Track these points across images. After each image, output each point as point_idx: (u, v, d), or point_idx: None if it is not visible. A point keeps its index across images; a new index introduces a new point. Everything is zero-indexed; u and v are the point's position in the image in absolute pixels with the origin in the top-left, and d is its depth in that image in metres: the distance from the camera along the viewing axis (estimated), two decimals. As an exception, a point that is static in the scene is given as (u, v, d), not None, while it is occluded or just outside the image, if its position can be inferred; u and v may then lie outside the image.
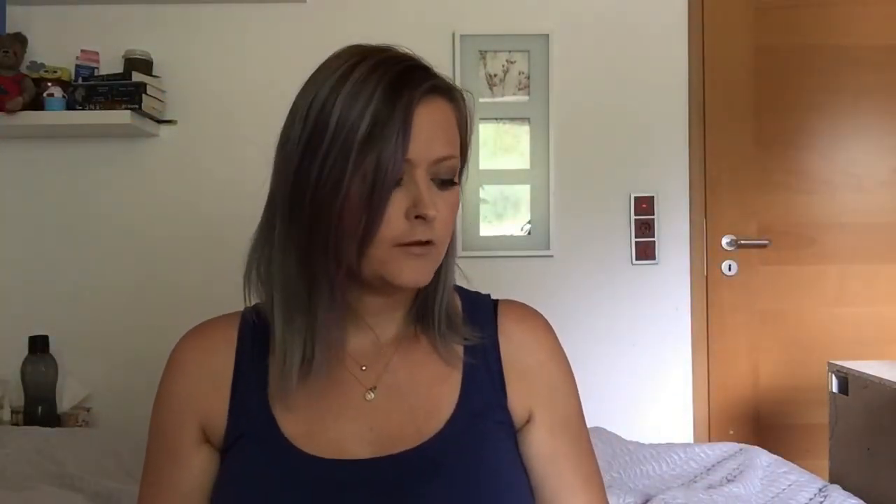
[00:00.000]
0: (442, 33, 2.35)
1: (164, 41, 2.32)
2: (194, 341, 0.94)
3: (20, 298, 2.31)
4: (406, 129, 0.81)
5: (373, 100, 0.81)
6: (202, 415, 0.91)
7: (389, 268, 0.84)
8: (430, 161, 0.84)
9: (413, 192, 0.83)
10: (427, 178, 0.84)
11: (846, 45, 2.42)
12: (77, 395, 2.22)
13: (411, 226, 0.83)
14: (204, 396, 0.91)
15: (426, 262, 0.86)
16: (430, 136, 0.84)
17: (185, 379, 0.92)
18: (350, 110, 0.81)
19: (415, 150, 0.82)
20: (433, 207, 0.83)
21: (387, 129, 0.81)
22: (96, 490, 1.50)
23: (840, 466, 1.84)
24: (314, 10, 2.34)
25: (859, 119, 2.44)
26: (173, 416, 0.92)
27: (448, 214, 0.87)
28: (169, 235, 2.32)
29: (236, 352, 0.92)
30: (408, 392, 0.91)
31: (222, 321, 0.95)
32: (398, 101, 0.81)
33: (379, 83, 0.82)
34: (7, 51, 2.12)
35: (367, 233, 0.82)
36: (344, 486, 0.84)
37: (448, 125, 0.87)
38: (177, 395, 0.92)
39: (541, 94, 2.37)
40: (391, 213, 0.82)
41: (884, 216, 2.43)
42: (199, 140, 2.34)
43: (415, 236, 0.83)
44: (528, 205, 2.39)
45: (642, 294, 2.36)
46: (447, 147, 0.86)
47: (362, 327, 0.92)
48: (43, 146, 2.32)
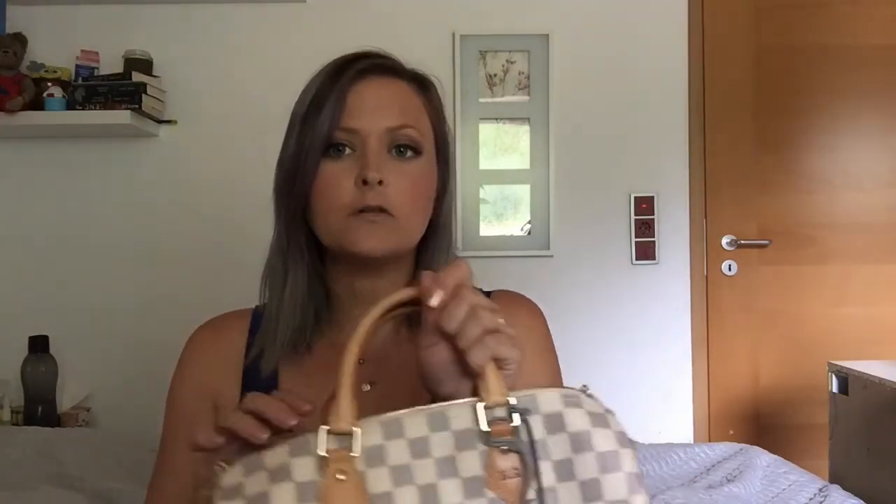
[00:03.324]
0: (442, 33, 2.35)
1: (164, 41, 2.32)
2: (210, 330, 0.99)
3: (20, 298, 2.31)
4: (341, 101, 0.88)
5: (316, 82, 0.90)
6: (215, 398, 0.94)
7: (347, 236, 0.88)
8: (380, 130, 0.89)
9: (361, 160, 0.88)
10: (381, 147, 0.89)
11: (846, 45, 2.42)
12: (77, 395, 2.22)
13: (361, 192, 0.87)
14: (217, 381, 0.94)
15: (381, 229, 0.88)
16: (378, 106, 0.90)
17: (199, 364, 0.96)
18: (302, 97, 0.91)
19: (359, 120, 0.88)
20: (377, 171, 0.87)
21: (324, 102, 0.88)
22: (96, 490, 1.50)
23: (840, 466, 1.84)
24: (314, 10, 2.34)
25: (859, 119, 2.44)
26: (189, 399, 0.95)
27: (407, 186, 0.90)
28: (169, 235, 2.32)
29: (247, 341, 0.96)
30: (405, 384, 0.92)
31: (235, 314, 1.00)
32: (338, 80, 0.89)
33: (326, 70, 0.91)
34: (7, 51, 2.12)
35: (305, 198, 0.89)
36: None
37: (401, 99, 0.92)
38: (192, 378, 0.96)
39: (541, 94, 2.37)
40: (342, 182, 0.88)
41: (884, 216, 2.43)
42: (199, 140, 2.34)
43: (365, 201, 0.87)
44: (528, 205, 2.39)
45: (642, 294, 2.36)
46: (400, 117, 0.90)
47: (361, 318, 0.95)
48: (43, 146, 2.32)
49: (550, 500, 0.59)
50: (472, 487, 0.59)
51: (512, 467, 0.60)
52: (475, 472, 0.59)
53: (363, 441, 0.60)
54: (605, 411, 0.63)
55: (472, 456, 0.60)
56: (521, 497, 0.59)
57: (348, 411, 0.61)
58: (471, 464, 0.60)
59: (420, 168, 0.92)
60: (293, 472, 0.58)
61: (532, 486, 0.59)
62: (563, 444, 0.61)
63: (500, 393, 0.62)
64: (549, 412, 0.62)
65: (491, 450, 0.60)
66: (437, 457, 0.60)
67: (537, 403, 0.62)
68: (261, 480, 0.58)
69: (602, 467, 0.60)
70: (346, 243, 0.88)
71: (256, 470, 0.59)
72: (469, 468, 0.59)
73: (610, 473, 0.60)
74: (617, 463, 0.61)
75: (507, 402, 0.61)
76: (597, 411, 0.62)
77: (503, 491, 0.59)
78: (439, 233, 0.96)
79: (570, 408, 0.62)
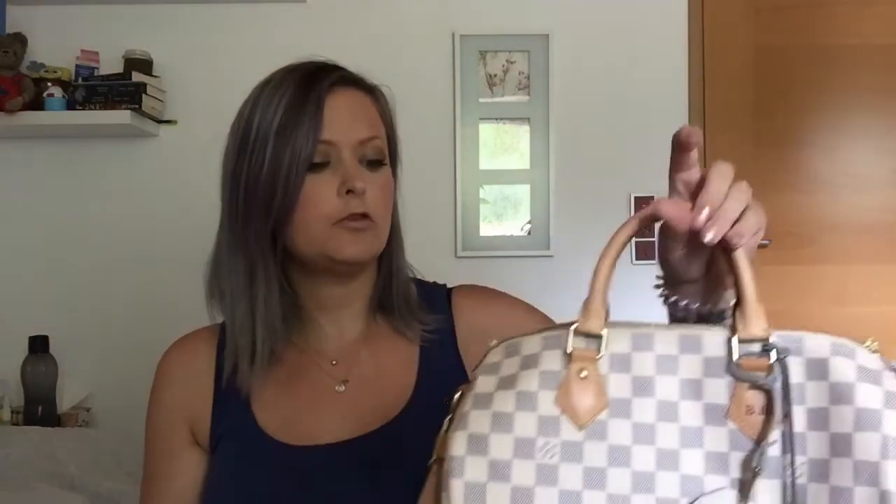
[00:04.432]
0: (442, 33, 2.34)
1: (164, 41, 2.32)
2: (179, 350, 1.00)
3: (20, 298, 2.31)
4: (319, 113, 0.89)
5: (286, 95, 0.90)
6: (190, 418, 0.96)
7: (332, 245, 0.90)
8: (354, 142, 0.91)
9: (341, 171, 0.90)
10: (354, 158, 0.91)
11: (846, 45, 2.42)
12: (77, 395, 2.22)
13: (344, 201, 0.89)
14: (190, 400, 0.96)
15: (366, 236, 0.91)
16: (350, 119, 0.91)
17: (172, 386, 0.97)
18: (267, 110, 0.90)
19: (335, 132, 0.90)
20: (361, 180, 0.89)
21: (300, 116, 0.89)
22: (96, 490, 1.51)
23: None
24: (314, 10, 2.34)
25: (859, 119, 2.44)
26: (164, 422, 0.97)
27: (380, 194, 0.93)
28: (169, 235, 2.32)
29: (216, 358, 0.97)
30: (376, 380, 0.95)
31: (204, 331, 1.01)
32: (310, 92, 0.90)
33: (292, 81, 0.92)
34: (7, 51, 2.12)
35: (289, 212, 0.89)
36: (318, 467, 0.89)
37: (366, 111, 0.94)
38: (166, 401, 0.97)
39: (541, 94, 2.37)
40: (324, 193, 0.89)
41: (884, 216, 2.43)
42: (199, 140, 2.32)
43: (350, 210, 0.89)
44: (528, 205, 2.39)
45: (642, 294, 2.35)
46: (369, 129, 0.93)
47: (327, 324, 0.98)
48: (43, 146, 2.32)
49: (798, 446, 0.57)
50: (714, 415, 0.58)
51: (760, 404, 0.58)
52: (719, 400, 0.58)
53: (611, 347, 0.61)
54: (882, 368, 0.58)
55: (718, 384, 0.59)
56: (764, 436, 0.57)
57: (599, 314, 0.62)
58: (716, 391, 0.59)
59: (386, 176, 0.95)
60: (541, 362, 0.60)
61: (778, 427, 0.57)
62: (822, 392, 0.58)
63: (760, 328, 0.60)
64: (814, 357, 0.59)
65: (739, 383, 0.58)
66: (682, 377, 0.59)
67: (803, 346, 0.59)
68: (514, 364, 0.61)
69: (857, 424, 0.57)
70: (330, 251, 0.90)
71: (514, 354, 0.62)
72: (713, 395, 0.58)
73: (865, 432, 0.57)
74: (876, 422, 0.57)
75: (766, 338, 0.59)
76: (870, 366, 0.58)
77: (746, 425, 0.58)
78: (396, 233, 1.00)
79: (838, 356, 0.58)
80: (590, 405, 0.58)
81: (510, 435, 0.58)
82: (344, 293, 0.96)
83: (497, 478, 0.57)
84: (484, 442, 0.58)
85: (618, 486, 0.56)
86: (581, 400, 0.58)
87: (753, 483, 0.56)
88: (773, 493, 0.56)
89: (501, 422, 0.58)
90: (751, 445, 0.57)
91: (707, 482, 0.57)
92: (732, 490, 0.57)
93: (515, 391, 0.59)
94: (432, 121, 2.31)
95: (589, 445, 0.57)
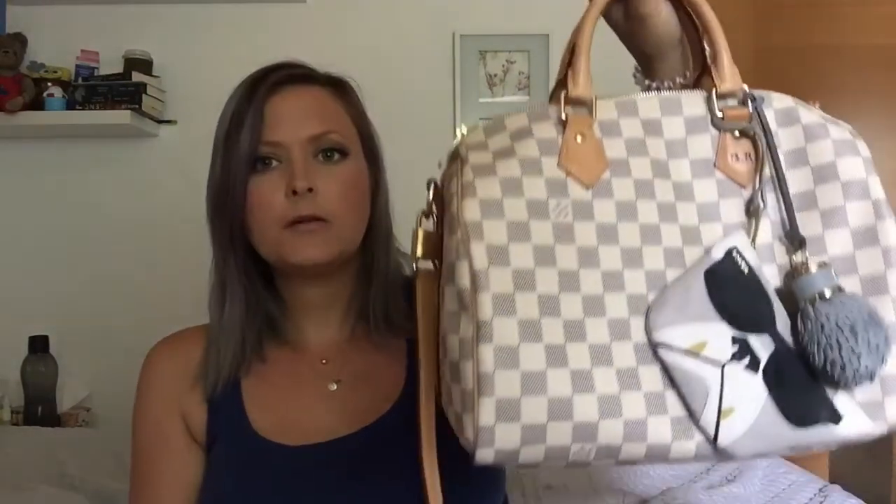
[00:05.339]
0: (442, 33, 2.34)
1: (164, 41, 2.31)
2: (168, 346, 1.00)
3: (20, 298, 2.31)
4: (259, 116, 0.89)
5: (232, 102, 0.92)
6: (183, 412, 0.95)
7: (284, 249, 0.89)
8: (303, 140, 0.90)
9: (288, 171, 0.89)
10: (306, 156, 0.90)
11: (846, 45, 2.42)
12: (77, 395, 2.22)
13: (292, 203, 0.88)
14: (182, 395, 0.95)
15: (318, 237, 0.89)
16: (300, 116, 0.90)
17: (161, 379, 0.97)
18: (221, 121, 0.94)
19: (280, 132, 0.89)
20: (305, 179, 0.87)
21: (244, 120, 0.89)
22: (96, 490, 1.51)
23: (840, 466, 1.84)
24: (314, 10, 2.34)
25: (860, 119, 2.41)
26: (157, 412, 0.96)
27: (337, 188, 0.90)
28: (169, 235, 2.32)
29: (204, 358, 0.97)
30: (367, 377, 0.95)
31: (193, 329, 1.00)
32: (254, 96, 0.90)
33: (241, 88, 0.93)
34: (7, 51, 2.12)
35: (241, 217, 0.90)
36: (311, 465, 0.89)
37: (320, 105, 0.93)
38: (156, 394, 0.96)
39: (541, 94, 2.37)
40: (270, 195, 0.89)
41: (884, 216, 2.43)
42: (199, 140, 2.31)
43: (297, 212, 0.88)
44: (528, 205, 2.38)
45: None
46: (322, 124, 0.91)
47: (315, 324, 0.98)
48: (43, 146, 2.32)
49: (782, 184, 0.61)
50: (702, 167, 0.61)
51: (744, 152, 0.62)
52: (705, 154, 0.62)
53: (599, 116, 0.62)
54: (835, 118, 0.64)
55: (702, 139, 0.62)
56: (753, 180, 0.61)
57: (587, 75, 0.64)
58: (701, 146, 0.62)
59: (349, 169, 0.93)
60: (535, 131, 0.61)
61: (764, 170, 0.61)
62: (795, 134, 0.63)
63: (736, 81, 0.65)
64: (782, 107, 0.64)
65: (723, 134, 0.62)
66: (667, 138, 0.62)
67: (770, 99, 0.64)
68: (503, 138, 0.61)
69: (838, 152, 0.64)
70: (284, 255, 0.89)
71: (497, 132, 0.62)
72: (699, 150, 0.62)
73: (847, 157, 0.64)
74: (855, 149, 0.65)
75: (741, 89, 0.64)
76: (829, 117, 0.64)
77: (733, 173, 0.61)
78: (379, 232, 0.98)
79: (802, 107, 0.65)
80: (592, 166, 0.60)
81: (522, 199, 0.59)
82: (324, 293, 0.96)
83: (517, 238, 0.58)
84: (499, 206, 0.58)
85: (628, 241, 0.59)
86: (583, 162, 0.60)
87: (760, 218, 0.61)
88: (764, 229, 0.61)
89: (511, 186, 0.59)
90: (738, 192, 0.61)
91: (703, 231, 0.60)
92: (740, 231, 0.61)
93: (517, 158, 0.60)
94: (432, 121, 2.31)
95: (598, 203, 0.60)
